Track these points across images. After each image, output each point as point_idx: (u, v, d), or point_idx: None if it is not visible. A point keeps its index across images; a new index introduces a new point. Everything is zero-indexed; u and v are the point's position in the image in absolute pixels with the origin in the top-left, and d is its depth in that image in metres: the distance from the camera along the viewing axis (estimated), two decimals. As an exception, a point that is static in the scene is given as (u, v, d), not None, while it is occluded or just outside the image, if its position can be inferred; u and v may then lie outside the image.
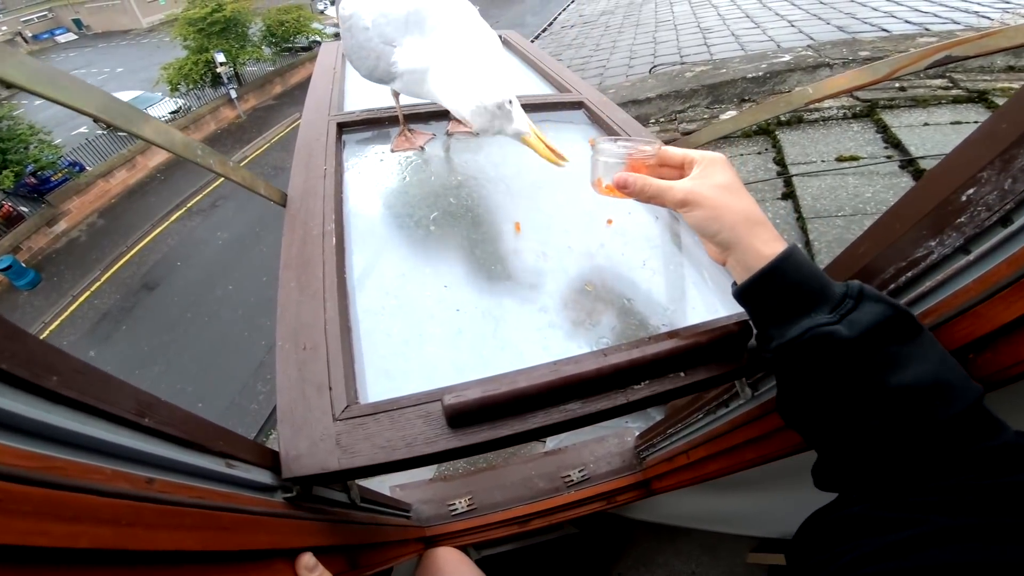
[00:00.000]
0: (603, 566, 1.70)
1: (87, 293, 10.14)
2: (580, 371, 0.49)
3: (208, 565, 0.32)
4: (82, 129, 14.55)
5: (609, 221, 0.75)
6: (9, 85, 0.40)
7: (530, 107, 1.03)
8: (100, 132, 13.55)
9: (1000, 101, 2.13)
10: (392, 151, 0.92)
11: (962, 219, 0.51)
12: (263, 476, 0.45)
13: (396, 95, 0.93)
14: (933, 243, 0.54)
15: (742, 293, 0.47)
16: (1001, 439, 0.37)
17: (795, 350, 0.43)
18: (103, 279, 10.47)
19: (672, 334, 0.55)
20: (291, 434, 0.46)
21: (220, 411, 7.33)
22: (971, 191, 0.50)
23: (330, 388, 0.50)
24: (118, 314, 9.62)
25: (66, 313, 9.74)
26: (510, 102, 0.70)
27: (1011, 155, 0.46)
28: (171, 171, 13.46)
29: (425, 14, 0.74)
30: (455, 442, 0.46)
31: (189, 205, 12.31)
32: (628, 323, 0.62)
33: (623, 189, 0.53)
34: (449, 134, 0.97)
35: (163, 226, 11.78)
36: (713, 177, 0.49)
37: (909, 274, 0.55)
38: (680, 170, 0.53)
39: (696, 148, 0.93)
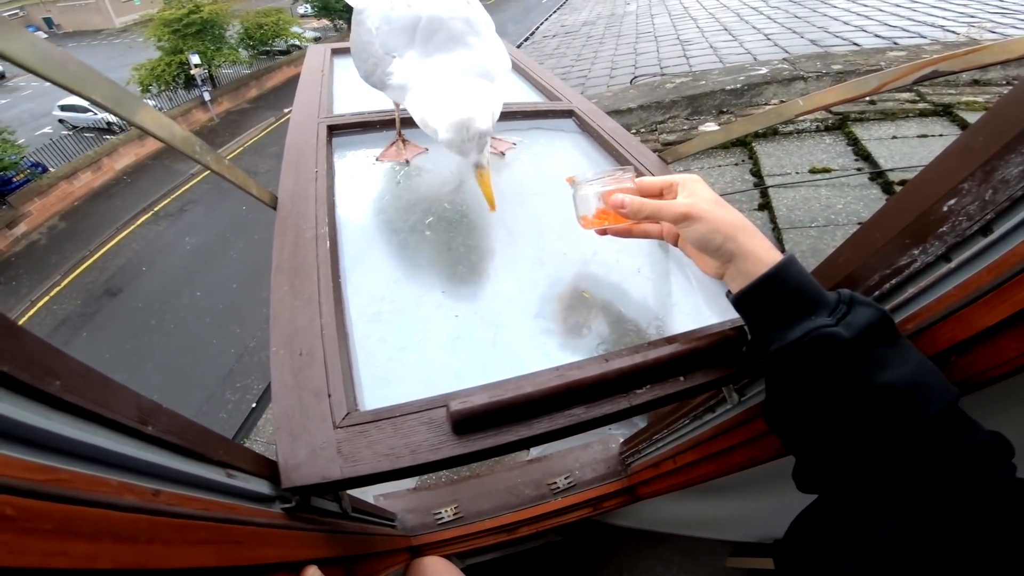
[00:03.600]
0: (587, 573, 1.70)
1: (46, 298, 9.74)
2: (584, 376, 0.48)
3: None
4: (46, 129, 14.04)
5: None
6: (19, 65, 0.39)
7: (520, 114, 1.04)
8: (65, 133, 13.09)
9: (964, 114, 2.22)
10: (377, 160, 0.89)
11: (944, 228, 0.53)
12: (261, 486, 0.43)
13: (396, 103, 0.89)
14: (916, 251, 0.56)
15: (743, 298, 0.48)
16: (975, 438, 0.39)
17: (795, 352, 0.44)
18: (63, 284, 10.07)
19: (672, 339, 0.55)
20: (289, 442, 0.45)
21: (188, 421, 7.09)
22: (952, 202, 0.52)
23: (329, 395, 0.48)
24: (78, 320, 9.26)
25: (24, 319, 9.30)
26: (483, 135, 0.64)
27: (992, 167, 0.48)
28: (138, 174, 13.06)
29: (436, 26, 0.66)
30: (460, 448, 0.45)
31: (156, 209, 11.94)
32: (624, 329, 0.62)
33: (620, 210, 0.53)
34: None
35: (128, 230, 11.40)
36: (702, 193, 0.51)
37: (893, 281, 0.57)
38: (660, 197, 0.54)
39: (686, 157, 0.96)
